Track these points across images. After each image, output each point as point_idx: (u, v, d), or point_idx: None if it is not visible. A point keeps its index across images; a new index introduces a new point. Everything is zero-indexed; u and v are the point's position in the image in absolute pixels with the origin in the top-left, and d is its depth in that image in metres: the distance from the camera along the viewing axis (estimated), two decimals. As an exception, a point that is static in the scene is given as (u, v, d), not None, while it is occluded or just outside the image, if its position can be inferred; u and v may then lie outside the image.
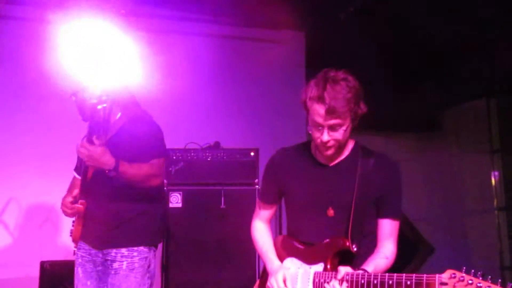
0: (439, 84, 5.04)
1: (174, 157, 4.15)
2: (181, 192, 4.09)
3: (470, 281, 1.64)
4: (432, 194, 5.84)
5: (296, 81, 5.17)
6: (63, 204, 3.00)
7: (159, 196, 3.05)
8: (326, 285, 2.08)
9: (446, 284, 1.70)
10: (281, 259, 2.34)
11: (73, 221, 3.04)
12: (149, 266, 2.90)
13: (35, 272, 3.88)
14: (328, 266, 2.15)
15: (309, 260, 2.23)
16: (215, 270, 3.99)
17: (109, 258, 2.84)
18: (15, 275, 4.32)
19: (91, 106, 2.81)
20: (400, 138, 5.58)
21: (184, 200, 4.08)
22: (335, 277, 2.06)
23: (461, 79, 5.02)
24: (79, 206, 2.92)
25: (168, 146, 4.16)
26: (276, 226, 4.00)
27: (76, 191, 3.00)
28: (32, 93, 4.50)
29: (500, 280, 1.61)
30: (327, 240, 2.19)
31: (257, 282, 2.48)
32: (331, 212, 2.21)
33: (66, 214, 3.03)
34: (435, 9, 4.00)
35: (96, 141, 2.74)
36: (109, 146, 2.80)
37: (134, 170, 2.78)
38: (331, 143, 2.14)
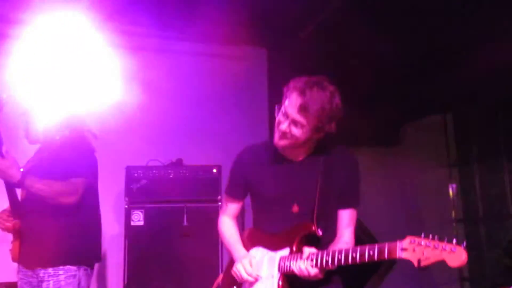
0: (397, 100, 5.17)
1: (136, 175, 4.12)
2: (143, 210, 4.05)
3: (428, 244, 1.77)
4: (393, 207, 5.94)
5: (259, 98, 5.21)
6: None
7: (85, 214, 3.02)
8: (292, 266, 2.12)
9: (406, 249, 1.80)
10: (248, 250, 2.37)
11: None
12: (79, 284, 2.88)
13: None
14: (294, 248, 2.19)
15: (275, 247, 2.27)
16: (177, 288, 3.94)
17: (39, 278, 2.85)
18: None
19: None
20: (360, 153, 5.64)
21: (146, 218, 4.04)
22: (300, 258, 2.11)
23: (419, 94, 5.16)
24: (9, 224, 2.95)
25: (129, 164, 4.18)
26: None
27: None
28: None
29: (455, 240, 1.75)
30: (293, 225, 2.24)
31: (220, 275, 2.50)
32: (295, 208, 2.28)
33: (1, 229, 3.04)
34: (389, 26, 4.12)
35: (5, 154, 2.75)
36: (34, 161, 2.94)
37: (42, 186, 2.81)
38: (288, 135, 2.21)
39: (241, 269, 2.25)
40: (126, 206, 4.06)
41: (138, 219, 4.04)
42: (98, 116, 4.27)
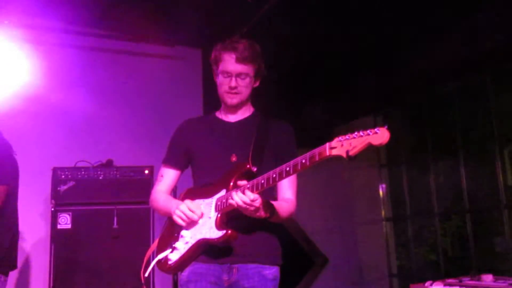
0: (329, 102, 5.27)
1: (63, 176, 3.97)
2: (70, 213, 3.91)
3: (354, 136, 1.85)
4: (326, 207, 6.05)
5: (193, 97, 5.16)
6: None
7: (3, 222, 2.93)
8: (230, 200, 2.14)
9: (335, 147, 1.87)
10: None
11: None
12: None
13: None
14: (231, 185, 2.20)
15: (212, 194, 2.29)
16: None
17: None
18: None
19: None
20: (294, 154, 5.73)
21: (73, 221, 3.90)
22: (236, 191, 2.12)
23: (351, 98, 5.29)
24: None
25: (56, 165, 4.02)
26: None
27: None
28: None
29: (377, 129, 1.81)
30: (228, 170, 2.27)
31: (156, 240, 2.46)
32: (234, 158, 2.34)
33: None
34: (321, 27, 4.20)
35: None
36: None
37: None
38: (238, 89, 2.36)
39: (184, 208, 2.23)
40: (53, 209, 3.91)
41: (65, 222, 3.89)
42: (21, 115, 4.11)
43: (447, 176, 5.66)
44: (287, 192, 2.36)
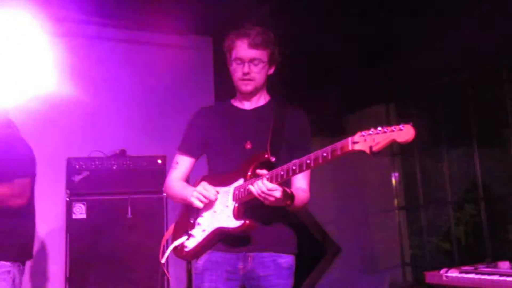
0: (342, 90, 5.23)
1: (77, 166, 4.00)
2: (84, 203, 3.94)
3: (377, 131, 1.84)
4: (338, 196, 6.04)
5: (204, 86, 5.15)
6: None
7: (27, 212, 2.98)
8: (249, 186, 2.13)
9: (357, 142, 1.85)
10: None
11: None
12: (13, 281, 2.83)
13: None
14: (249, 174, 2.20)
15: (229, 182, 2.28)
16: (122, 281, 3.87)
17: None
18: None
19: None
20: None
21: (88, 211, 3.93)
22: (255, 180, 2.11)
23: (363, 85, 5.25)
24: None
25: (71, 155, 4.05)
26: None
27: None
28: None
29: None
30: (246, 159, 2.26)
31: (172, 225, 2.47)
32: (249, 145, 2.34)
33: None
34: (331, 16, 4.17)
35: None
36: None
37: None
38: (251, 75, 2.34)
39: (201, 189, 2.24)
40: (67, 199, 3.94)
41: (80, 212, 3.93)
42: (36, 106, 4.14)
43: (460, 164, 5.61)
44: (301, 181, 2.35)
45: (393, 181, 6.34)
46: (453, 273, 3.00)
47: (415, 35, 4.35)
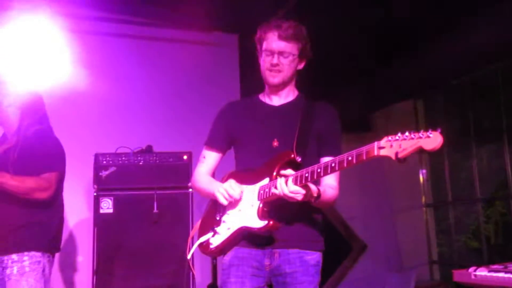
0: (369, 86, 5.18)
1: (105, 162, 4.04)
2: (112, 198, 3.98)
3: (404, 137, 1.78)
4: (364, 193, 6.00)
5: (230, 83, 5.16)
6: None
7: (55, 205, 3.03)
8: (272, 190, 2.14)
9: (383, 147, 1.81)
10: None
11: None
12: (43, 271, 2.87)
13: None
14: (274, 174, 2.19)
15: (254, 181, 2.28)
16: (148, 276, 3.91)
17: (3, 265, 2.82)
18: None
19: None
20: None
21: (115, 206, 3.97)
22: (280, 181, 2.10)
23: (390, 81, 5.18)
24: None
25: (98, 151, 4.10)
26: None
27: None
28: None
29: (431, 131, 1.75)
30: (272, 157, 2.26)
31: (199, 221, 2.50)
32: (276, 143, 2.32)
33: None
34: (356, 12, 4.12)
35: None
36: (3, 155, 2.90)
37: (16, 183, 2.82)
38: (280, 67, 2.32)
39: (227, 186, 2.25)
40: (95, 194, 3.99)
41: (107, 206, 3.97)
42: (64, 103, 4.21)
43: (490, 160, 5.51)
44: (331, 178, 2.31)
45: (421, 178, 6.26)
46: (482, 272, 2.94)
47: (443, 29, 4.27)
